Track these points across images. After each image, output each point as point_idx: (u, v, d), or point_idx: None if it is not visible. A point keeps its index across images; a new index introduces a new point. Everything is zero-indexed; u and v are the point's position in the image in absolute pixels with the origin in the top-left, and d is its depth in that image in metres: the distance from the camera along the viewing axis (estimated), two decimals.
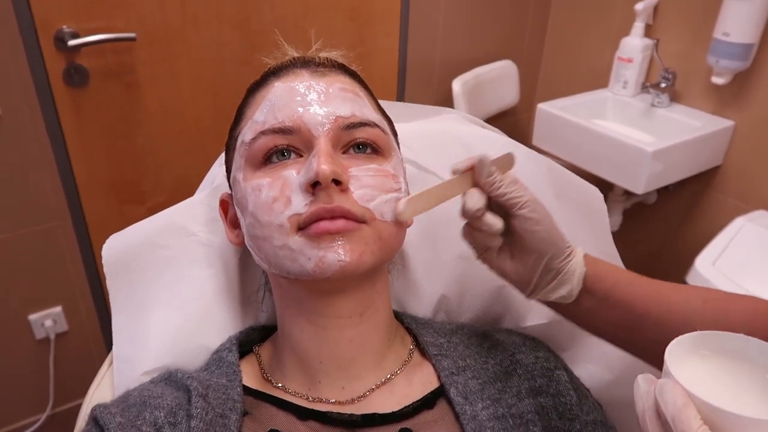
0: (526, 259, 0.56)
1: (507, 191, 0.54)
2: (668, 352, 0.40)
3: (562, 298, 0.57)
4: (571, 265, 0.56)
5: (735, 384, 0.40)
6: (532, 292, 0.58)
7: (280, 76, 0.60)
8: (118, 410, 0.56)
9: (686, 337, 0.41)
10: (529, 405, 0.59)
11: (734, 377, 0.40)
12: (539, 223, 0.55)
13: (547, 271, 0.56)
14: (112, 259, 0.67)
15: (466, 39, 1.91)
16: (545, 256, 0.55)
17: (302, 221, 0.53)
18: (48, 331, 1.53)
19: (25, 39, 1.24)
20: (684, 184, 1.74)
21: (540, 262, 0.56)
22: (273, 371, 0.63)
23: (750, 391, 0.39)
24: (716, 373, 0.40)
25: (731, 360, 0.41)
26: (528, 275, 0.57)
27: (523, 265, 0.57)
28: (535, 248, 0.55)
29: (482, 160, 0.54)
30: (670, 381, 0.37)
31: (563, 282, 0.56)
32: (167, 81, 1.44)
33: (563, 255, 0.56)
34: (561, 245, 0.56)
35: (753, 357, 0.40)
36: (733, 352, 0.41)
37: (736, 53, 1.47)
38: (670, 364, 0.38)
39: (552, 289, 0.57)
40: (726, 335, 0.41)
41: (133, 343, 0.66)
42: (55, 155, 1.36)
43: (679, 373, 0.37)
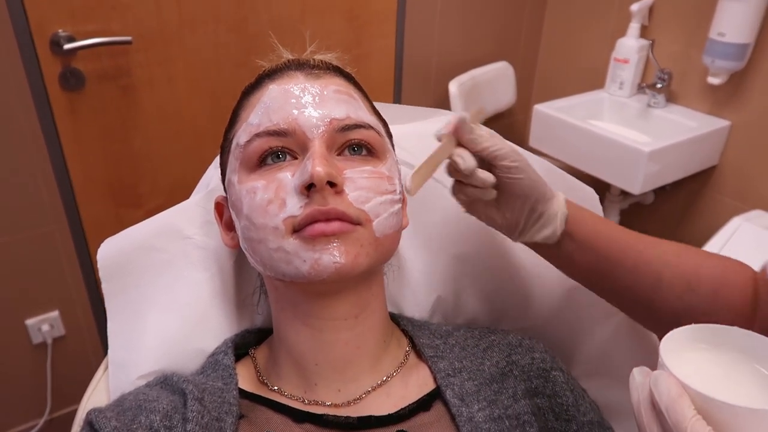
0: (512, 205, 0.59)
1: (489, 145, 0.56)
2: (663, 344, 0.40)
3: (547, 238, 0.60)
4: (553, 207, 0.59)
5: (729, 375, 0.40)
6: (519, 235, 0.61)
7: (274, 78, 0.60)
8: (114, 414, 0.55)
9: (681, 331, 0.42)
10: (525, 406, 0.59)
11: (728, 369, 0.41)
12: (522, 171, 0.57)
13: (531, 214, 0.59)
14: (107, 263, 0.67)
15: (463, 41, 1.92)
16: (530, 200, 0.58)
17: (297, 223, 0.53)
18: (45, 335, 1.52)
19: (21, 43, 1.24)
20: (681, 184, 1.75)
21: (525, 206, 0.58)
22: (269, 374, 0.63)
23: (743, 382, 0.40)
24: (710, 365, 0.41)
25: (725, 352, 0.41)
26: (515, 220, 0.60)
27: (510, 211, 0.59)
28: (520, 194, 0.58)
29: (463, 120, 0.55)
30: (664, 372, 0.38)
31: (547, 223, 0.59)
32: (164, 84, 1.44)
33: (546, 197, 0.59)
34: (543, 189, 0.59)
35: (746, 349, 0.41)
36: (727, 344, 0.41)
37: (732, 53, 1.47)
38: (665, 356, 0.39)
39: (537, 231, 0.60)
40: (721, 328, 0.42)
41: (129, 347, 0.66)
42: (52, 159, 1.36)
43: (674, 365, 0.38)
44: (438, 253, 0.73)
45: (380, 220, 0.55)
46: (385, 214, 0.56)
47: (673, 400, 0.37)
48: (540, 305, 0.73)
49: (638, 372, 0.41)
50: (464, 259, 0.73)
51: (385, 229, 0.56)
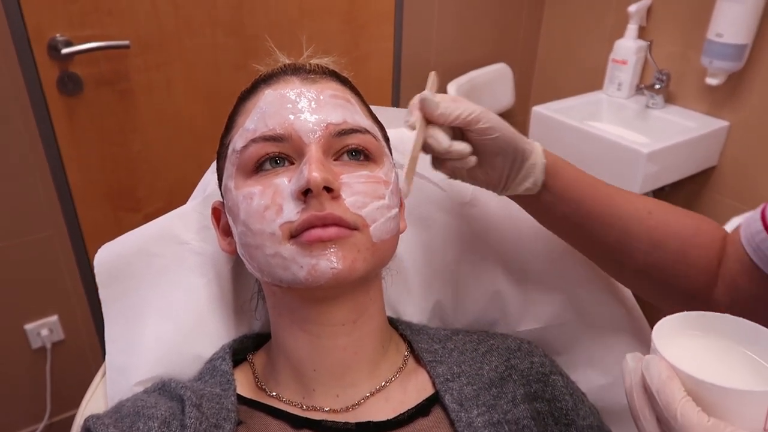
0: (493, 163, 0.60)
1: (460, 113, 0.56)
2: (656, 330, 0.41)
3: (528, 189, 0.61)
4: (532, 158, 0.60)
5: (719, 360, 0.42)
6: (502, 189, 0.62)
7: (270, 83, 0.60)
8: (111, 421, 0.55)
9: (673, 317, 0.43)
10: (524, 410, 0.59)
11: (719, 354, 0.42)
12: (497, 129, 0.57)
13: (512, 168, 0.60)
14: (104, 269, 0.67)
15: (461, 42, 1.92)
16: (509, 155, 0.59)
17: (294, 229, 0.53)
18: (44, 340, 1.52)
19: (18, 48, 1.24)
20: (680, 185, 1.75)
21: (506, 162, 0.59)
22: (267, 380, 0.62)
23: (734, 366, 0.41)
24: (702, 351, 0.42)
25: (716, 338, 0.43)
26: (497, 176, 0.61)
27: (492, 169, 0.60)
28: (499, 152, 0.59)
29: (427, 99, 0.55)
30: (656, 356, 0.39)
31: (528, 175, 0.60)
32: (161, 88, 1.44)
33: (526, 150, 0.59)
34: (521, 141, 0.59)
35: (736, 335, 0.42)
36: (719, 330, 0.43)
37: (730, 54, 1.47)
38: (657, 341, 0.40)
39: (519, 183, 0.61)
40: (712, 315, 0.43)
41: (126, 352, 0.66)
42: (50, 163, 1.35)
43: (666, 349, 0.39)
44: (437, 257, 0.73)
45: (377, 225, 0.55)
46: (382, 219, 0.56)
47: (663, 383, 0.37)
48: (538, 309, 0.73)
49: (631, 357, 0.42)
50: (463, 263, 0.73)
51: (382, 234, 0.56)
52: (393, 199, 0.58)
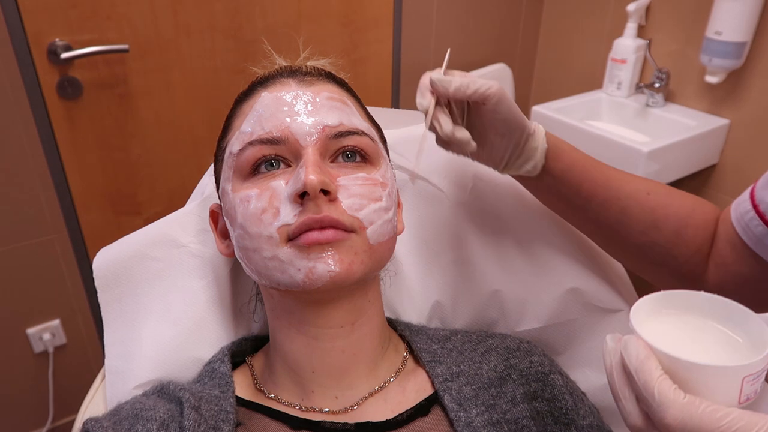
0: (497, 142, 0.61)
1: (476, 87, 0.56)
2: (633, 310, 0.42)
3: (528, 171, 0.63)
4: (534, 141, 0.61)
5: (695, 337, 0.43)
6: (503, 168, 0.63)
7: (267, 86, 0.60)
8: (110, 424, 0.55)
9: (650, 297, 0.44)
10: (524, 410, 0.58)
11: (695, 331, 0.43)
12: (507, 109, 0.58)
13: (515, 149, 0.61)
14: (103, 273, 0.67)
15: (460, 43, 1.92)
16: (514, 135, 0.60)
17: (291, 232, 0.53)
18: (46, 344, 1.53)
19: (18, 52, 1.24)
20: (680, 184, 1.74)
21: (510, 142, 0.60)
22: (265, 381, 0.62)
23: (709, 342, 0.42)
24: (677, 329, 0.43)
25: (692, 316, 0.44)
26: (500, 155, 0.62)
27: (495, 147, 0.61)
28: (505, 131, 0.59)
29: (439, 80, 0.56)
30: (633, 336, 0.40)
31: (529, 158, 0.62)
32: (160, 91, 1.44)
33: (528, 133, 0.60)
34: (525, 124, 0.60)
35: (711, 312, 0.43)
36: (694, 308, 0.44)
37: (729, 52, 1.47)
38: (635, 321, 0.41)
39: (520, 165, 0.62)
40: (688, 293, 0.44)
41: (125, 356, 0.66)
42: (50, 168, 1.36)
43: (643, 329, 0.40)
44: (435, 257, 0.73)
45: (374, 227, 0.55)
46: (380, 222, 0.56)
47: (641, 362, 0.38)
48: (537, 309, 0.73)
49: (610, 338, 0.42)
50: (461, 263, 0.73)
51: (380, 237, 0.56)
52: (390, 201, 0.58)
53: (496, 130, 0.60)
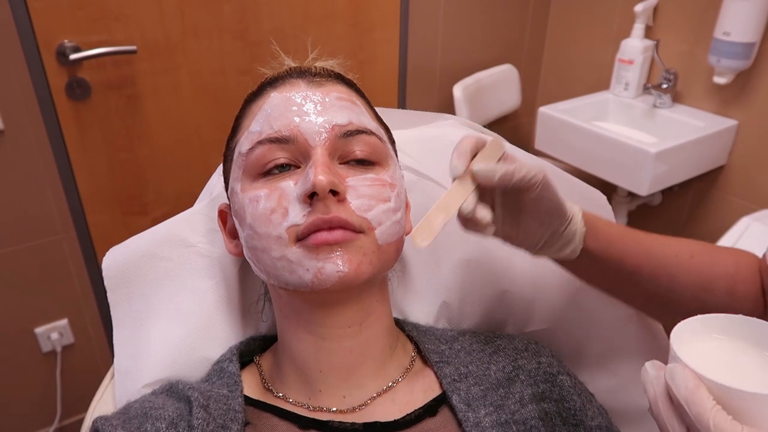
0: (533, 228, 0.58)
1: (521, 176, 0.53)
2: (674, 336, 0.41)
3: (566, 256, 0.60)
4: (572, 227, 0.58)
5: (738, 362, 0.41)
6: (537, 252, 0.60)
7: (276, 86, 0.60)
8: (120, 422, 0.55)
9: (689, 322, 0.42)
10: (532, 411, 0.58)
11: (737, 356, 0.42)
12: (552, 198, 0.55)
13: (551, 235, 0.58)
14: (112, 272, 0.68)
15: (466, 44, 1.92)
16: (553, 223, 0.57)
17: (300, 232, 0.53)
18: (54, 344, 1.53)
19: (27, 54, 1.25)
20: (688, 185, 1.74)
21: (547, 230, 0.57)
22: (274, 381, 0.62)
23: (753, 368, 0.41)
24: (720, 354, 0.42)
25: (732, 340, 0.42)
26: (535, 240, 0.59)
27: (530, 233, 0.58)
28: (543, 219, 0.56)
29: (484, 171, 0.52)
30: (679, 365, 0.39)
31: (567, 243, 0.58)
32: (168, 92, 1.45)
33: (566, 219, 0.57)
34: (564, 213, 0.57)
35: (752, 335, 0.42)
36: (734, 332, 0.42)
37: (738, 52, 1.46)
38: (677, 348, 0.40)
39: (557, 250, 0.59)
40: (727, 317, 0.43)
41: (134, 355, 0.66)
42: (59, 168, 1.37)
43: (686, 356, 0.39)
44: (443, 258, 0.73)
45: (383, 228, 0.55)
46: (388, 222, 0.56)
47: (691, 392, 0.37)
48: (545, 310, 0.72)
49: (651, 366, 0.41)
50: (469, 264, 0.73)
51: (388, 237, 0.56)
52: (398, 202, 0.58)
53: (535, 217, 0.56)
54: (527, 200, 0.55)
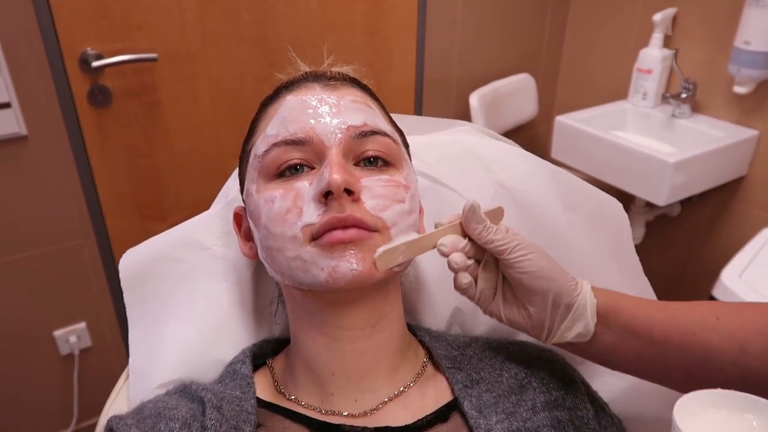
0: (533, 302, 0.55)
1: (495, 238, 0.54)
2: (677, 409, 0.41)
3: (580, 335, 0.56)
4: (580, 299, 0.55)
5: None
6: (548, 335, 0.57)
7: (292, 89, 0.61)
8: (134, 422, 0.56)
9: (694, 395, 0.43)
10: (544, 418, 0.58)
11: None
12: (534, 263, 0.54)
13: (556, 309, 0.55)
14: (128, 273, 0.69)
15: (483, 53, 1.92)
16: (550, 293, 0.54)
17: (315, 231, 0.53)
18: (72, 347, 1.55)
19: (51, 61, 1.28)
20: (708, 196, 1.71)
21: (547, 301, 0.55)
22: (286, 383, 0.63)
23: None
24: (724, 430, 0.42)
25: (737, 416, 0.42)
26: (540, 319, 0.56)
27: (530, 310, 0.56)
28: (537, 288, 0.54)
29: (473, 208, 0.54)
30: None
31: (577, 318, 0.55)
32: (188, 100, 1.47)
33: (569, 290, 0.55)
34: (563, 280, 0.55)
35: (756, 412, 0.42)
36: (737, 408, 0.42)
37: (758, 62, 1.45)
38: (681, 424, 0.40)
39: (567, 328, 0.56)
40: (730, 394, 0.43)
41: (149, 356, 0.67)
42: (79, 173, 1.39)
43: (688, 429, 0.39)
44: None
45: (397, 229, 0.56)
46: (403, 224, 0.56)
47: None
48: None
49: None
50: None
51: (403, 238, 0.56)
52: (413, 204, 0.58)
53: (528, 288, 0.55)
54: (514, 272, 0.54)
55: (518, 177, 0.74)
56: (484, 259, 0.57)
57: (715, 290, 1.25)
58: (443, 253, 0.55)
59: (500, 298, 0.57)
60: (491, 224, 0.54)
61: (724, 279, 1.25)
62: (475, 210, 0.54)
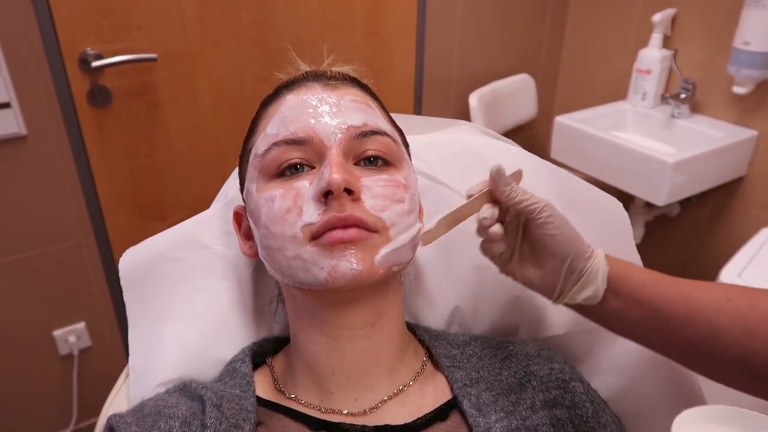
0: (549, 264, 0.57)
1: (524, 198, 0.54)
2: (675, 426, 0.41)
3: (589, 299, 0.57)
4: (593, 265, 0.56)
5: None
6: (558, 296, 0.58)
7: (292, 89, 0.61)
8: (134, 420, 0.56)
9: (691, 411, 0.43)
10: (543, 417, 0.58)
11: None
12: (558, 227, 0.55)
13: (570, 273, 0.56)
14: (128, 272, 0.69)
15: (483, 54, 1.92)
16: (567, 257, 0.56)
17: (315, 231, 0.54)
18: (72, 347, 1.55)
19: (51, 61, 1.28)
20: (707, 196, 1.72)
21: (563, 265, 0.56)
22: (286, 382, 0.63)
23: None
24: None
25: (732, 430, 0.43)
26: (553, 280, 0.57)
27: (547, 271, 0.57)
28: (557, 251, 0.56)
29: (499, 171, 0.54)
30: None
31: (588, 283, 0.56)
32: (187, 100, 1.47)
33: (584, 256, 0.56)
34: (581, 246, 0.56)
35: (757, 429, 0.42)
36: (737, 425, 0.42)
37: (758, 62, 1.45)
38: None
39: (578, 291, 0.57)
40: (730, 410, 0.43)
41: (149, 355, 0.67)
42: (79, 173, 1.39)
43: None
44: (456, 262, 0.73)
45: (397, 229, 0.56)
46: (402, 224, 0.56)
47: None
48: (558, 316, 0.72)
49: None
50: (482, 268, 0.73)
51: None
52: (412, 204, 0.59)
53: (548, 251, 0.56)
54: (538, 232, 0.55)
55: None
56: (507, 221, 0.57)
57: None
58: (485, 226, 0.55)
59: (517, 257, 0.58)
60: (517, 186, 0.55)
61: (723, 279, 1.25)
62: (501, 172, 0.54)
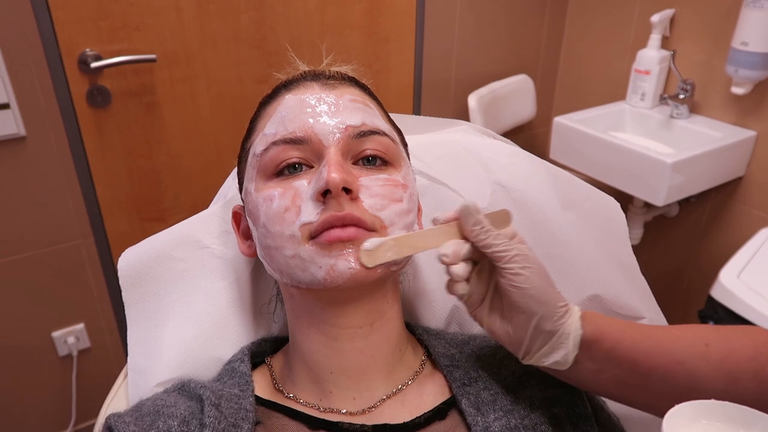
0: (515, 319, 0.53)
1: (493, 243, 0.51)
2: (666, 421, 0.41)
3: (557, 363, 0.53)
4: (565, 327, 0.52)
5: None
6: (524, 355, 0.54)
7: (291, 88, 0.61)
8: (132, 419, 0.56)
9: (683, 406, 0.42)
10: (542, 416, 0.58)
11: None
12: (528, 280, 0.51)
13: (537, 334, 0.52)
14: (127, 272, 0.69)
15: (482, 54, 1.92)
16: (535, 316, 0.51)
17: (314, 230, 0.54)
18: (71, 348, 1.55)
19: (50, 62, 1.28)
20: (706, 196, 1.72)
21: (529, 322, 0.52)
22: (284, 381, 0.63)
23: None
24: None
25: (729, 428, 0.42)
26: (518, 337, 0.53)
27: (512, 325, 0.53)
28: (524, 307, 0.52)
29: (468, 207, 0.52)
30: None
31: (557, 346, 0.52)
32: (186, 100, 1.47)
33: (556, 316, 0.52)
34: (553, 305, 0.52)
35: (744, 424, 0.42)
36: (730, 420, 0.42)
37: (756, 62, 1.45)
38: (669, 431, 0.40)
39: (545, 354, 0.53)
40: (721, 405, 0.43)
41: (148, 354, 0.67)
42: (78, 174, 1.39)
43: None
44: None
45: (395, 228, 0.56)
46: (401, 223, 0.56)
47: None
48: None
49: None
50: None
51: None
52: (411, 203, 0.59)
53: (514, 304, 0.52)
54: (505, 282, 0.52)
55: (516, 176, 0.75)
56: (481, 263, 0.55)
57: (713, 290, 1.26)
58: (444, 263, 0.52)
59: (487, 304, 0.56)
60: (490, 227, 0.52)
61: (722, 279, 1.25)
62: (469, 211, 0.52)
